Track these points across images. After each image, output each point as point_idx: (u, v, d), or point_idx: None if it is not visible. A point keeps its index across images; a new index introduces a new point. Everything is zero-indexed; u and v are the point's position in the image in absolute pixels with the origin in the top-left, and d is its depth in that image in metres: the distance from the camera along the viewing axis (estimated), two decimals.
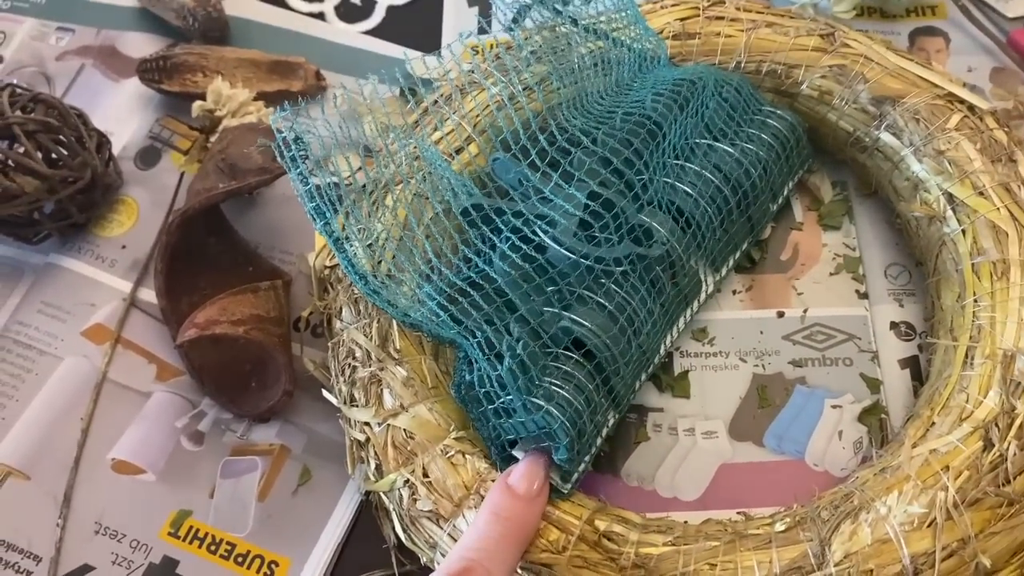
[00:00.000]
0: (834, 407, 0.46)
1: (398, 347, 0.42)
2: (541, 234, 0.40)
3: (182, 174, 0.55)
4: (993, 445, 0.37)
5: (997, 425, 0.38)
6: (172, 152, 0.56)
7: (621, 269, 0.41)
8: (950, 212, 0.44)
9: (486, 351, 0.38)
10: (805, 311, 0.48)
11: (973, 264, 0.43)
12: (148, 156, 0.56)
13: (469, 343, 0.38)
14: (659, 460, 0.45)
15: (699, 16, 0.50)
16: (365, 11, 0.61)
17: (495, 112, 0.47)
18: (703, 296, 0.47)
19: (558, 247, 0.40)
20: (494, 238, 0.41)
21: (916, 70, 0.47)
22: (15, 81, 0.60)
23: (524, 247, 0.40)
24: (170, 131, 0.57)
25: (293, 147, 0.39)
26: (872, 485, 0.38)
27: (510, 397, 0.37)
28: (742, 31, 0.49)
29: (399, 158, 0.45)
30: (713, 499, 0.44)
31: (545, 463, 0.38)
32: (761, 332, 0.48)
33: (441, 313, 0.39)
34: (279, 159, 0.39)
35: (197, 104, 0.53)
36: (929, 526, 0.36)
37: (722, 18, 0.50)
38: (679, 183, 0.45)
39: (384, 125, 0.53)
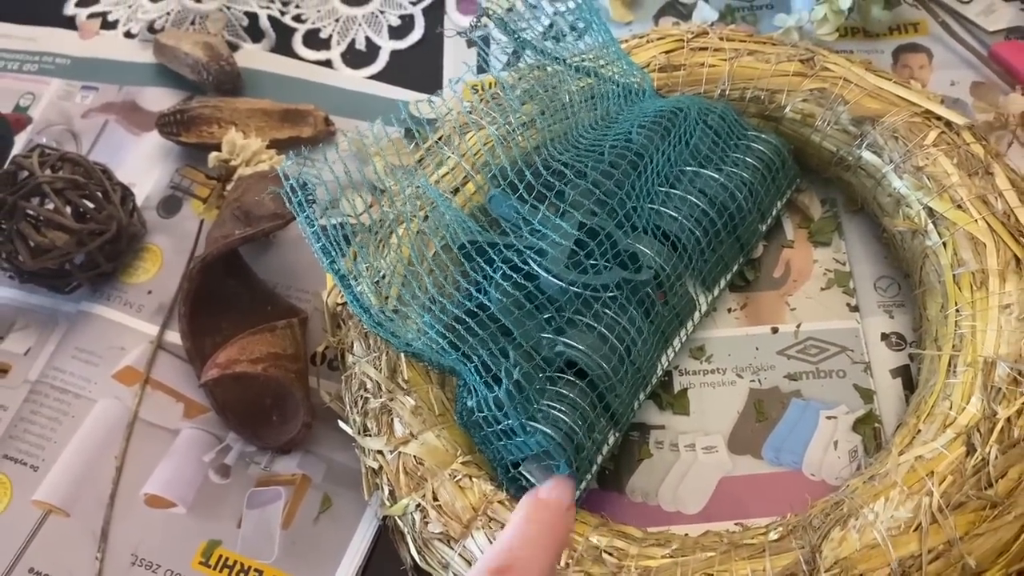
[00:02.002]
0: (829, 418, 0.47)
1: (406, 378, 0.45)
2: (533, 264, 0.42)
3: (201, 221, 0.58)
4: (976, 450, 0.39)
5: (979, 430, 0.39)
6: (192, 200, 0.59)
7: (610, 294, 0.43)
8: (931, 226, 0.46)
9: (483, 374, 0.40)
10: (798, 326, 0.50)
11: (954, 275, 0.44)
12: (169, 205, 0.60)
13: (467, 368, 0.40)
14: (662, 476, 0.47)
15: (683, 48, 0.52)
16: (370, 57, 0.64)
17: (491, 151, 0.50)
18: (698, 315, 0.49)
19: (549, 276, 0.42)
20: (487, 268, 0.43)
21: (894, 89, 0.49)
22: (44, 140, 0.64)
23: (515, 276, 0.42)
24: (189, 180, 0.60)
25: (300, 193, 0.42)
26: (861, 493, 0.40)
27: (508, 420, 0.40)
28: (725, 60, 0.51)
29: (402, 198, 0.48)
30: (715, 511, 0.46)
31: (571, 481, 0.39)
32: (756, 348, 0.50)
33: (440, 340, 0.41)
34: (288, 205, 0.42)
35: (213, 155, 0.56)
36: (915, 530, 0.38)
37: (705, 49, 0.52)
38: (665, 208, 0.47)
39: (391, 165, 0.56)
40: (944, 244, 0.45)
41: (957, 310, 0.43)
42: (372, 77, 0.63)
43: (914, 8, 0.59)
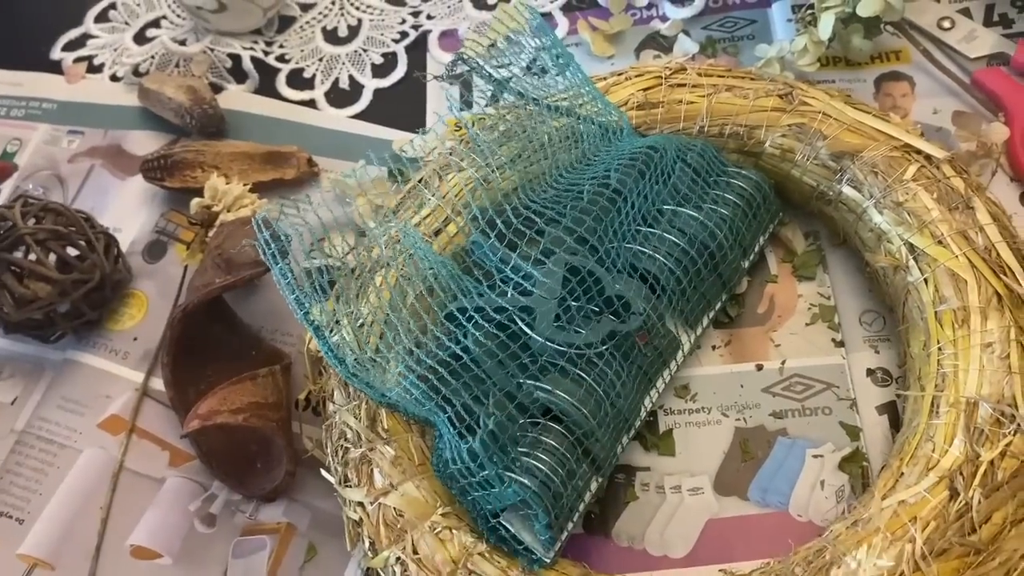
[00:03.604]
0: (815, 457, 0.47)
1: (386, 427, 0.45)
2: (521, 324, 0.42)
3: (185, 267, 0.58)
4: (959, 494, 0.38)
5: (962, 474, 0.39)
6: (177, 245, 0.59)
7: (597, 350, 0.43)
8: (912, 262, 0.45)
9: (457, 425, 0.40)
10: (783, 362, 0.50)
11: (936, 312, 0.44)
12: (154, 250, 0.60)
13: (441, 420, 0.40)
14: (648, 519, 0.47)
15: (661, 85, 0.52)
16: (353, 95, 0.65)
17: (471, 193, 0.50)
18: (681, 354, 0.49)
19: (539, 338, 0.42)
20: (461, 318, 0.43)
21: (873, 123, 0.49)
22: (31, 186, 0.64)
23: (487, 325, 0.42)
24: (174, 225, 0.60)
25: (273, 245, 0.42)
26: (844, 539, 0.39)
27: (484, 471, 0.39)
28: (704, 97, 0.51)
29: (382, 242, 0.48)
30: (702, 555, 0.45)
31: None
32: (741, 386, 0.49)
33: (415, 391, 0.41)
34: (261, 255, 0.42)
35: (195, 201, 0.56)
36: None
37: (683, 85, 0.52)
38: (643, 248, 0.47)
39: (374, 206, 0.56)
40: (925, 280, 0.45)
41: (940, 348, 0.43)
42: (356, 116, 0.63)
43: (895, 36, 0.58)
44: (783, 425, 0.48)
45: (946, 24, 0.58)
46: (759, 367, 0.50)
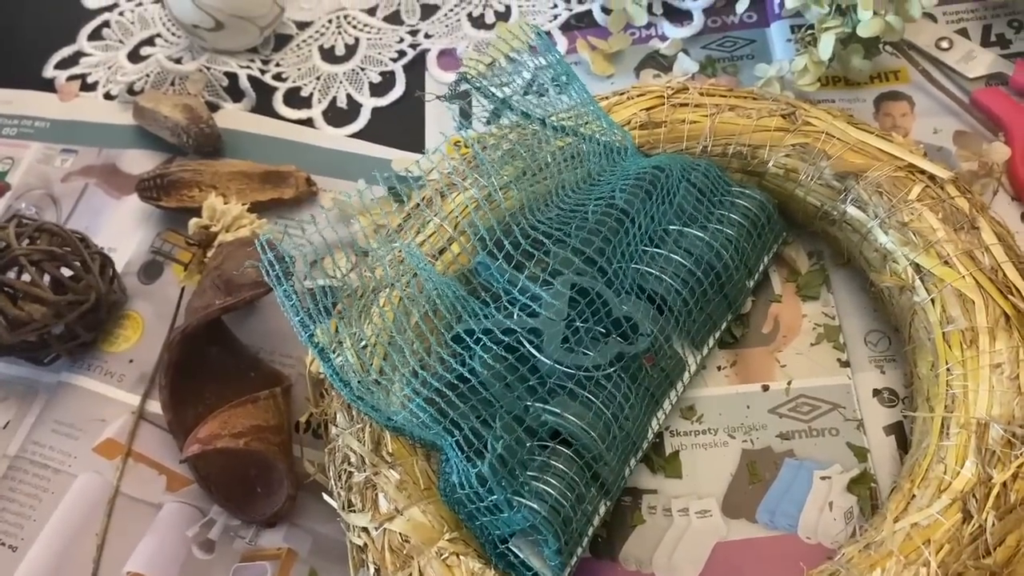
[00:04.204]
0: (823, 478, 0.47)
1: (391, 450, 0.44)
2: (527, 346, 0.41)
3: (183, 288, 0.57)
4: (972, 516, 0.38)
5: (975, 496, 0.39)
6: (174, 265, 0.59)
7: (604, 372, 0.42)
8: (918, 282, 0.45)
9: (465, 449, 0.39)
10: (789, 383, 0.49)
11: (944, 333, 0.44)
12: (150, 270, 0.59)
13: (448, 443, 0.40)
14: (655, 542, 0.46)
15: (664, 105, 0.52)
16: (351, 114, 0.64)
17: (473, 212, 0.49)
18: (687, 375, 0.49)
19: (547, 360, 0.41)
20: (468, 340, 0.43)
21: (876, 143, 0.49)
22: (24, 205, 0.64)
23: (495, 347, 0.41)
24: (171, 245, 0.59)
25: (277, 266, 0.42)
26: (857, 562, 0.39)
27: (493, 496, 0.39)
28: (706, 116, 0.51)
29: (385, 262, 0.48)
30: None
31: None
32: (748, 407, 0.49)
33: (421, 414, 0.40)
34: (265, 277, 0.42)
35: (193, 221, 0.56)
36: None
37: (686, 105, 0.52)
38: (650, 269, 0.46)
39: (375, 225, 0.56)
40: (932, 301, 0.44)
41: (948, 369, 0.43)
42: (354, 135, 0.63)
43: (894, 56, 0.59)
44: (790, 446, 0.48)
45: (944, 44, 0.59)
46: (765, 388, 0.49)
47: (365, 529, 0.43)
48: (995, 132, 0.55)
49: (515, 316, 0.42)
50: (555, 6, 0.66)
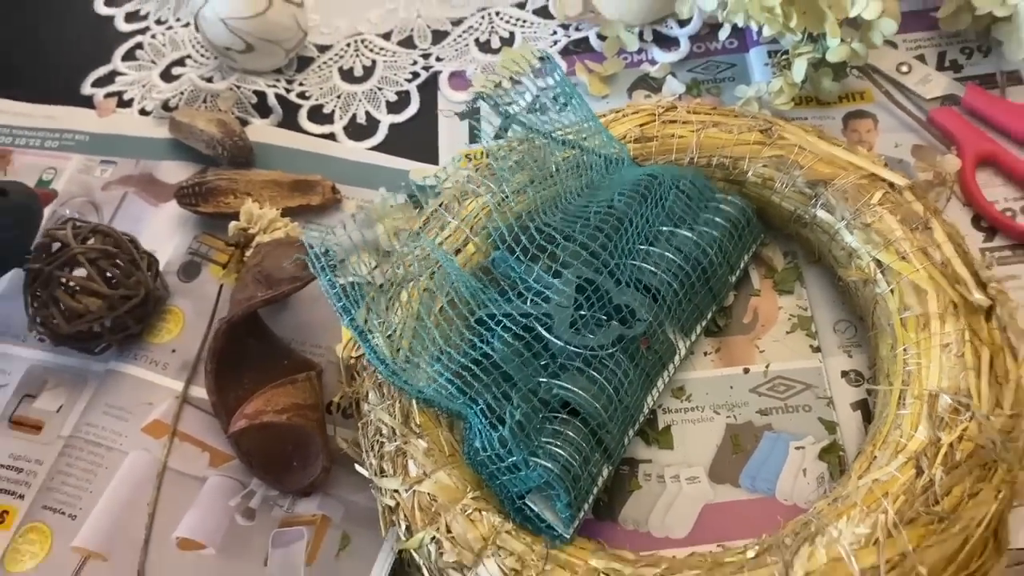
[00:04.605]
0: (797, 448, 0.53)
1: (418, 423, 0.50)
2: (542, 330, 0.48)
3: (221, 285, 0.63)
4: (924, 472, 0.45)
5: (926, 455, 0.45)
6: (211, 265, 0.64)
7: (607, 351, 0.49)
8: (879, 275, 0.52)
9: (488, 416, 0.45)
10: (767, 366, 0.56)
11: (901, 319, 0.50)
12: (189, 270, 0.65)
13: (473, 411, 0.46)
14: (651, 505, 0.52)
15: (655, 121, 0.59)
16: (370, 130, 0.70)
17: (488, 215, 0.56)
18: (678, 359, 0.55)
19: (558, 340, 0.48)
20: (490, 323, 0.49)
21: (843, 155, 0.56)
22: (68, 212, 0.69)
23: (514, 328, 0.48)
24: (207, 247, 0.65)
25: (323, 259, 0.48)
26: (826, 513, 0.45)
27: (512, 456, 0.45)
28: (693, 132, 0.58)
29: (410, 259, 0.54)
30: (699, 536, 0.51)
31: None
32: (731, 387, 0.55)
33: (450, 387, 0.47)
34: (312, 269, 0.48)
35: (233, 224, 0.61)
36: (874, 544, 0.43)
37: (675, 121, 0.58)
38: (646, 264, 0.53)
39: (397, 229, 0.62)
40: (891, 291, 0.51)
41: (904, 349, 0.49)
42: (373, 148, 0.69)
43: (860, 79, 0.65)
44: (769, 421, 0.54)
45: (904, 69, 0.66)
46: (746, 370, 0.56)
47: (396, 491, 0.49)
48: (948, 146, 0.62)
49: (529, 303, 0.49)
50: (555, 33, 0.73)
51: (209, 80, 0.74)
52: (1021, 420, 0.47)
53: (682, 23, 0.70)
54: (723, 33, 0.67)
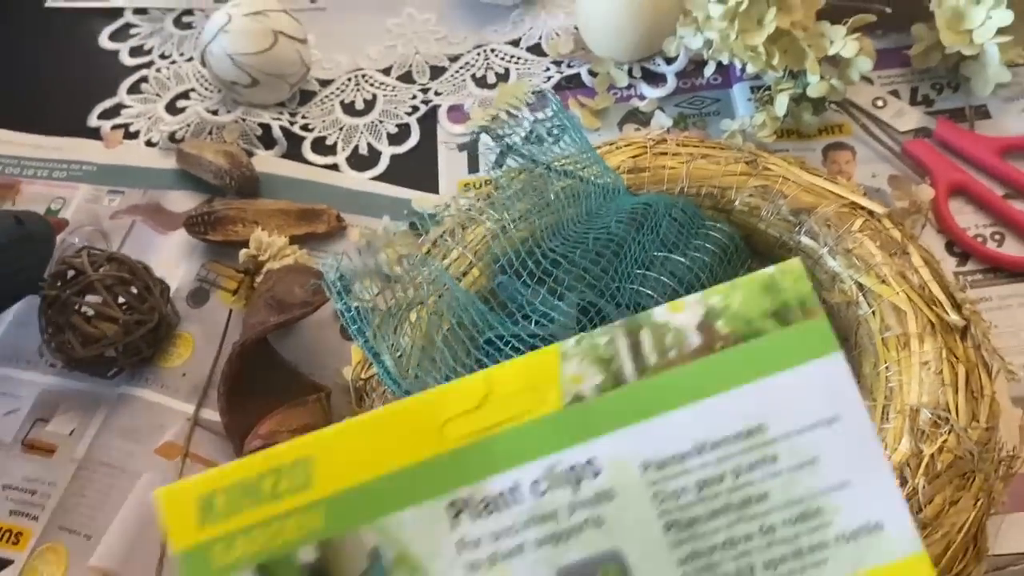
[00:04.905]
0: None
1: None
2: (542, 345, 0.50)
3: (231, 311, 0.65)
4: (907, 481, 0.47)
5: (909, 465, 0.48)
6: (219, 292, 0.66)
7: None
8: (861, 298, 0.55)
9: None
10: None
11: (883, 338, 0.53)
12: (198, 296, 0.67)
13: None
14: None
15: (647, 153, 0.62)
16: (372, 160, 0.73)
17: (491, 242, 0.58)
18: None
19: None
20: (499, 343, 0.51)
21: (825, 185, 0.59)
22: (77, 240, 0.71)
23: (522, 348, 0.50)
24: (216, 274, 0.67)
25: (338, 283, 0.50)
26: None
27: None
28: (683, 163, 0.61)
29: (419, 281, 0.56)
30: None
31: None
32: None
33: None
34: (328, 293, 0.50)
35: (243, 252, 0.64)
36: None
37: (666, 153, 0.62)
38: (643, 288, 0.56)
39: (399, 255, 0.64)
40: (873, 313, 0.54)
41: (886, 367, 0.52)
42: (375, 178, 0.72)
43: (838, 113, 0.69)
44: None
45: (879, 103, 0.70)
46: None
47: None
48: (922, 176, 0.66)
49: (535, 324, 0.51)
50: (548, 69, 0.76)
51: (215, 113, 0.76)
52: (996, 432, 0.50)
53: (669, 60, 0.74)
54: (708, 70, 0.71)
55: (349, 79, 0.78)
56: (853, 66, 0.64)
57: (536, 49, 0.78)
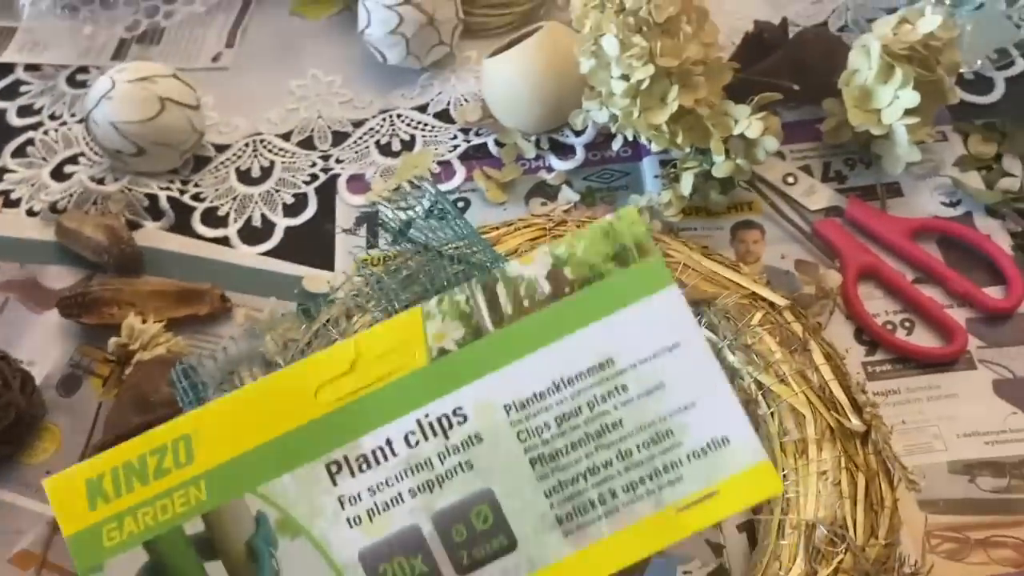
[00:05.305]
0: (685, 573, 0.53)
1: None
2: None
3: (100, 403, 0.61)
4: None
5: None
6: (92, 379, 0.62)
7: None
8: (760, 397, 0.52)
9: None
10: None
11: (781, 443, 0.51)
12: (69, 383, 0.62)
13: None
14: None
15: (546, 236, 0.59)
16: (265, 233, 0.69)
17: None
18: None
19: None
20: None
21: (726, 273, 0.57)
22: None
23: None
24: (89, 359, 0.63)
25: (191, 393, 0.46)
26: None
27: None
28: None
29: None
30: None
31: None
32: None
33: None
34: (179, 402, 0.46)
35: (113, 340, 0.59)
36: None
37: (563, 235, 0.59)
38: None
39: (284, 340, 0.61)
40: (771, 414, 0.52)
41: (784, 475, 0.50)
42: (267, 253, 0.68)
43: (747, 190, 0.67)
44: None
45: (790, 180, 0.68)
46: None
47: None
48: (832, 258, 0.63)
49: None
50: (455, 137, 0.73)
51: (100, 181, 0.72)
52: (895, 549, 0.48)
53: (578, 132, 0.71)
54: (616, 143, 0.69)
55: (247, 144, 0.75)
56: (759, 145, 0.62)
57: (444, 115, 0.75)
